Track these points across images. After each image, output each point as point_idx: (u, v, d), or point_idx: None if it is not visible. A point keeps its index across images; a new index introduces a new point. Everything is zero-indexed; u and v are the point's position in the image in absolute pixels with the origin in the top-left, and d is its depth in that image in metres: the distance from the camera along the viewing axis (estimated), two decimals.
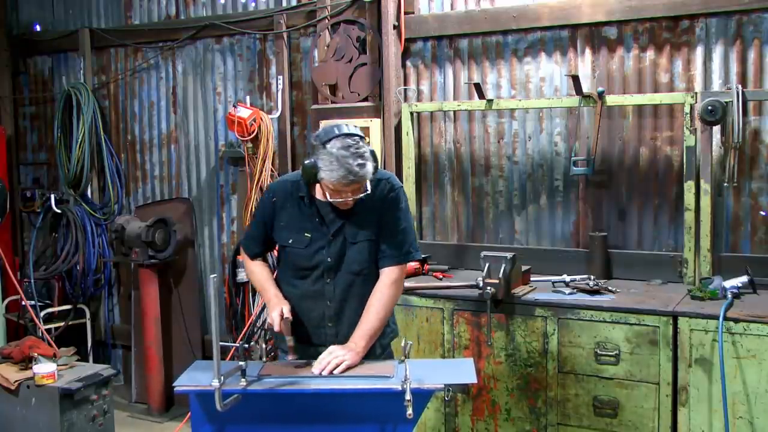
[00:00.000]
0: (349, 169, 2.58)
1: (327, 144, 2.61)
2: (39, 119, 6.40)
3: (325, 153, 2.61)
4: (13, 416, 4.09)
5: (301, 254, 2.86)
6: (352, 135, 2.63)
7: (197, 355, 5.35)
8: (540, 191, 4.40)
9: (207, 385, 2.47)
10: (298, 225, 2.85)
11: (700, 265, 3.81)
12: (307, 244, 2.83)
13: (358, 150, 2.60)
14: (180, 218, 5.51)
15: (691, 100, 3.77)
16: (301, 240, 2.84)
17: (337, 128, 2.65)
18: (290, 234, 2.86)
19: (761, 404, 3.22)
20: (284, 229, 2.88)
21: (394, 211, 2.85)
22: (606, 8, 4.09)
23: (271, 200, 2.91)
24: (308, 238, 2.83)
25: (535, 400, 3.69)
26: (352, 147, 2.60)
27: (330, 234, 2.82)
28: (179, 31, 5.54)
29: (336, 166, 2.58)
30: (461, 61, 4.58)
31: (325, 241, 2.83)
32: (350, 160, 2.58)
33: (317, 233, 2.83)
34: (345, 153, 2.58)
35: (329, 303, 2.87)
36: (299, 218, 2.85)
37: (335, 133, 2.62)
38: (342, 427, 2.58)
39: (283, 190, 2.88)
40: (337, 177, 2.60)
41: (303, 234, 2.83)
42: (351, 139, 2.61)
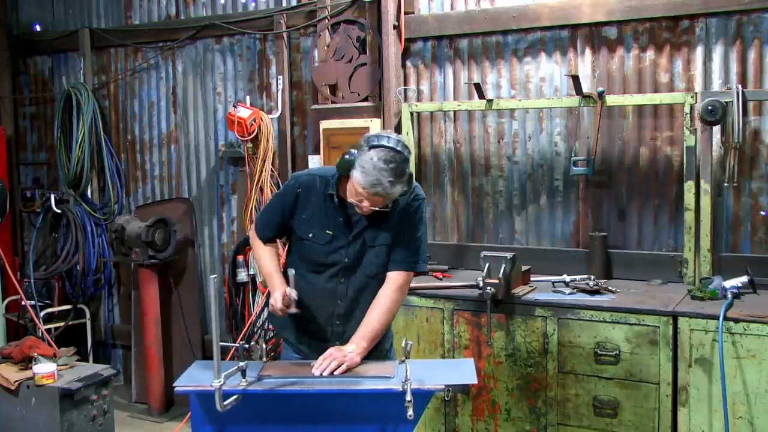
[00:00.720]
0: (380, 181, 2.60)
1: (373, 148, 2.64)
2: (39, 119, 6.40)
3: (367, 157, 2.63)
4: (13, 416, 4.09)
5: (319, 250, 2.86)
6: (399, 152, 2.65)
7: (197, 355, 5.35)
8: (540, 191, 4.40)
9: (207, 385, 2.47)
10: (321, 221, 2.86)
11: (700, 265, 3.81)
12: (327, 241, 2.85)
13: (397, 168, 2.62)
14: (180, 218, 5.51)
15: (691, 100, 3.77)
16: (322, 236, 2.85)
17: (387, 139, 2.67)
18: (312, 228, 2.87)
19: (761, 404, 3.22)
20: (306, 222, 2.88)
21: (413, 220, 2.88)
22: (606, 8, 4.09)
23: (295, 190, 2.90)
24: (329, 236, 2.85)
25: (535, 400, 3.69)
26: (393, 163, 2.61)
27: (351, 235, 2.84)
28: (179, 31, 5.53)
29: (371, 174, 2.60)
30: (461, 61, 4.58)
31: (345, 241, 2.84)
32: (385, 173, 2.60)
33: (339, 232, 2.85)
34: (383, 165, 2.60)
35: (340, 302, 2.89)
36: (323, 214, 2.86)
37: (385, 144, 2.65)
38: (342, 428, 2.58)
39: (310, 183, 2.89)
40: (367, 182, 2.62)
41: (325, 231, 2.85)
42: (396, 155, 2.63)
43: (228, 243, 5.51)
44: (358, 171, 2.64)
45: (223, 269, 5.49)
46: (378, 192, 2.63)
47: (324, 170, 2.95)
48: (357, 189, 2.66)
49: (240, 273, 5.06)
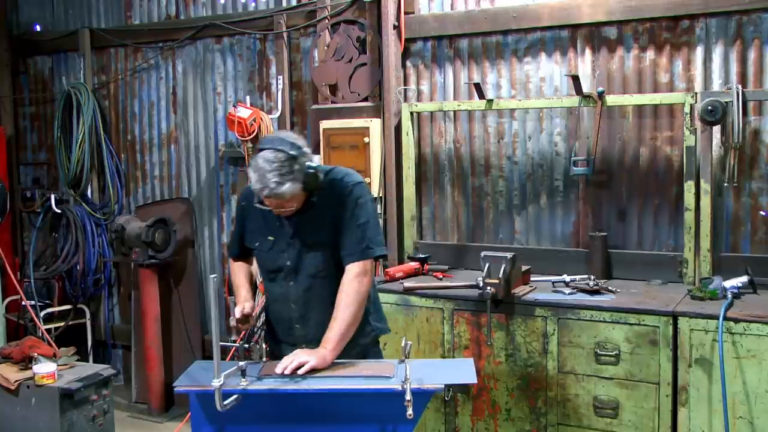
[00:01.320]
0: (266, 183, 2.59)
1: (259, 152, 2.64)
2: (39, 119, 6.41)
3: (253, 162, 2.63)
4: (13, 416, 4.09)
5: (265, 257, 2.92)
6: (280, 150, 2.61)
7: (197, 355, 5.35)
8: (540, 191, 4.40)
9: (207, 385, 2.47)
10: (262, 228, 2.90)
11: (700, 265, 3.81)
12: (270, 247, 2.88)
13: (281, 167, 2.59)
14: (180, 218, 5.51)
15: (691, 100, 3.77)
16: (265, 243, 2.89)
17: (269, 141, 2.66)
18: (256, 237, 2.93)
19: (761, 404, 3.22)
20: (251, 232, 2.96)
21: (351, 208, 2.80)
22: (606, 8, 4.09)
23: (240, 204, 3.03)
24: (271, 242, 2.88)
25: (535, 400, 3.69)
26: (275, 163, 2.59)
27: (288, 237, 2.84)
28: (179, 31, 5.54)
29: (256, 178, 2.61)
30: (461, 61, 4.58)
31: (285, 244, 2.85)
32: (269, 174, 2.58)
33: (278, 236, 2.86)
34: (266, 167, 2.59)
35: (293, 306, 2.90)
36: (263, 222, 2.89)
37: (266, 145, 2.64)
38: (342, 427, 2.58)
39: (250, 194, 2.88)
40: (256, 189, 2.64)
41: (267, 237, 2.88)
42: (278, 154, 2.60)
43: (228, 243, 5.51)
44: (250, 176, 2.64)
45: (223, 269, 5.49)
46: (267, 194, 2.61)
47: None
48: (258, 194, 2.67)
49: None
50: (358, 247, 2.79)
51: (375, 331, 3.02)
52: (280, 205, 2.70)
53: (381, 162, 4.63)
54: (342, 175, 2.86)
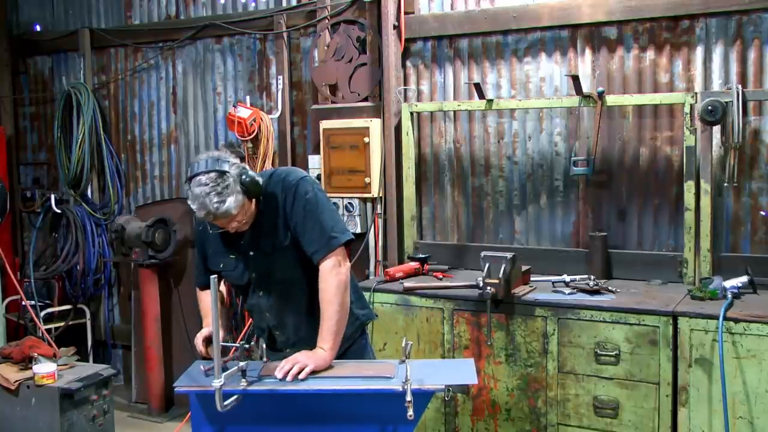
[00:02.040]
0: (207, 207, 2.56)
1: (188, 182, 2.61)
2: (39, 119, 6.40)
3: (189, 191, 2.60)
4: (13, 416, 4.09)
5: (232, 275, 2.90)
6: (208, 171, 2.57)
7: (197, 355, 5.33)
8: (540, 191, 4.40)
9: (207, 385, 2.47)
10: (222, 249, 2.88)
11: (700, 265, 3.81)
12: (234, 266, 2.87)
13: (216, 187, 2.56)
14: (180, 218, 5.51)
15: (691, 100, 3.77)
16: (228, 263, 2.88)
17: (196, 165, 2.61)
18: (219, 259, 2.90)
19: (761, 404, 3.22)
20: (213, 256, 2.92)
21: (302, 205, 2.74)
22: (606, 8, 4.09)
23: (198, 230, 2.97)
24: (233, 260, 2.86)
25: (535, 400, 3.69)
26: (207, 185, 2.56)
27: (247, 251, 2.83)
28: (179, 31, 5.53)
29: (197, 205, 2.58)
30: (461, 61, 4.58)
31: (246, 259, 2.84)
32: (207, 198, 2.55)
33: (238, 253, 2.85)
34: (199, 191, 2.56)
35: (268, 314, 2.90)
36: (221, 243, 2.87)
37: (194, 172, 2.60)
38: (342, 428, 2.58)
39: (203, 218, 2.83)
40: (201, 215, 2.60)
41: (229, 257, 2.87)
42: (207, 176, 2.57)
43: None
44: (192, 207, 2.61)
45: None
46: (215, 216, 2.59)
47: None
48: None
49: None
50: (322, 240, 2.73)
51: (360, 319, 2.98)
52: (232, 223, 2.67)
53: (381, 162, 4.63)
54: (284, 175, 2.81)
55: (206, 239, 2.92)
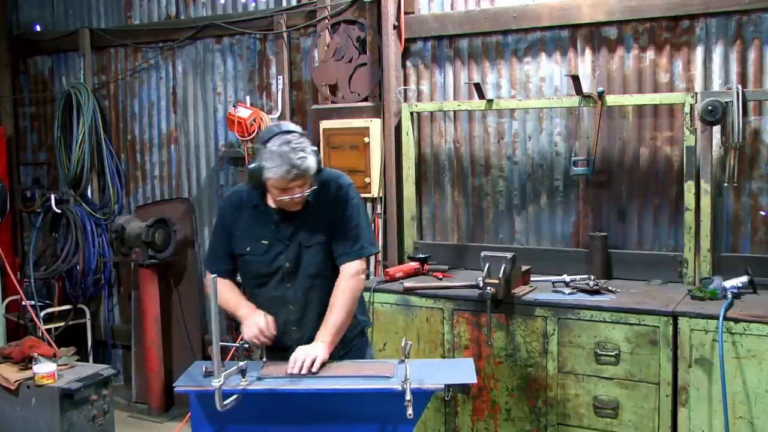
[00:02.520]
0: (292, 163, 2.61)
1: (268, 143, 2.65)
2: (39, 119, 6.41)
3: (267, 152, 2.64)
4: (13, 416, 4.09)
5: (259, 261, 2.87)
6: (291, 131, 2.68)
7: (197, 355, 5.35)
8: (540, 191, 4.40)
9: (207, 385, 2.47)
10: (254, 233, 2.86)
11: (700, 265, 3.81)
12: (264, 251, 2.85)
13: (299, 145, 2.64)
14: (180, 218, 5.51)
15: (691, 100, 3.77)
16: (258, 247, 2.85)
17: (276, 127, 2.71)
18: (247, 242, 2.87)
19: (761, 404, 3.22)
20: (241, 238, 2.89)
21: (344, 210, 2.85)
22: (606, 8, 4.09)
23: (228, 209, 2.93)
24: (265, 245, 2.84)
25: (535, 400, 3.69)
26: (293, 142, 2.63)
27: (286, 239, 2.83)
28: (179, 31, 5.54)
29: (279, 162, 2.61)
30: (461, 61, 4.58)
31: (282, 247, 2.84)
32: (291, 154, 2.61)
33: (274, 239, 2.84)
34: (286, 148, 2.61)
35: (291, 307, 2.88)
36: (255, 226, 2.86)
37: (275, 132, 2.67)
38: (342, 427, 2.58)
39: (239, 199, 2.89)
40: (282, 173, 2.61)
41: (260, 241, 2.85)
42: (291, 135, 2.66)
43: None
44: (269, 170, 2.63)
45: None
46: (296, 174, 2.62)
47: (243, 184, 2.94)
48: (278, 185, 2.66)
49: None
50: (355, 246, 2.84)
51: (361, 324, 3.06)
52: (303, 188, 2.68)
53: (381, 162, 4.63)
54: (335, 176, 2.89)
55: (236, 221, 2.88)
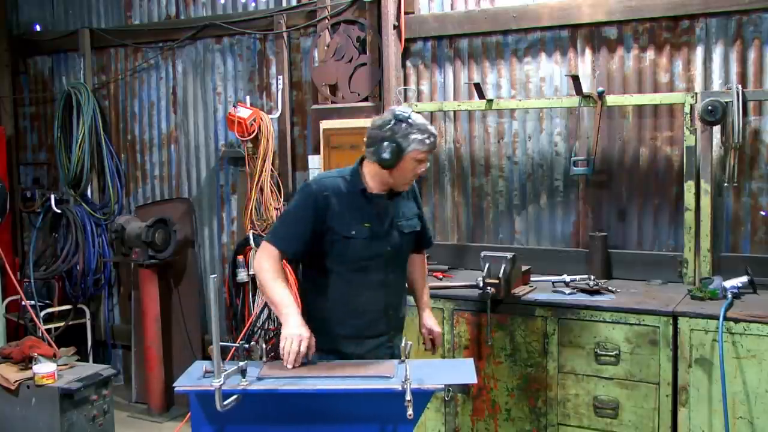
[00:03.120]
0: (432, 131, 2.82)
1: (409, 119, 2.79)
2: (39, 119, 6.41)
3: (411, 127, 2.78)
4: (13, 416, 4.09)
5: (363, 245, 2.85)
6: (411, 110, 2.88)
7: (197, 355, 5.35)
8: (540, 191, 4.40)
9: (207, 385, 2.47)
10: (357, 217, 2.86)
11: (700, 265, 3.81)
12: (367, 235, 2.86)
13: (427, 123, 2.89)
14: (180, 218, 5.51)
15: (691, 100, 3.77)
16: (362, 231, 2.85)
17: (399, 109, 2.85)
18: (351, 226, 2.84)
19: (761, 404, 3.22)
20: (342, 221, 2.84)
21: (420, 200, 3.16)
22: (606, 8, 4.09)
23: (323, 193, 2.85)
24: (368, 228, 2.87)
25: (535, 400, 3.69)
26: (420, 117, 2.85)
27: (387, 225, 2.92)
28: (179, 31, 5.54)
29: (427, 134, 2.79)
30: (461, 61, 4.58)
31: (382, 232, 2.90)
32: (428, 126, 2.83)
33: (375, 225, 2.89)
34: (422, 121, 2.82)
35: (393, 290, 2.98)
36: (357, 211, 2.87)
37: (408, 112, 2.82)
38: (342, 427, 2.58)
39: (335, 186, 2.89)
40: (431, 142, 2.81)
41: (363, 225, 2.86)
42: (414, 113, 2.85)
43: (228, 243, 5.52)
44: (416, 143, 2.78)
45: (223, 269, 5.49)
46: (435, 142, 2.85)
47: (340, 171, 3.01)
48: (419, 157, 2.81)
49: (240, 273, 5.06)
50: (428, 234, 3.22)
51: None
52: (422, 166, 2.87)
53: None
54: None
55: (337, 204, 2.85)
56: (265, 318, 5.00)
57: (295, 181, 5.18)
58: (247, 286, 5.10)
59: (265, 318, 5.00)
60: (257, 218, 4.98)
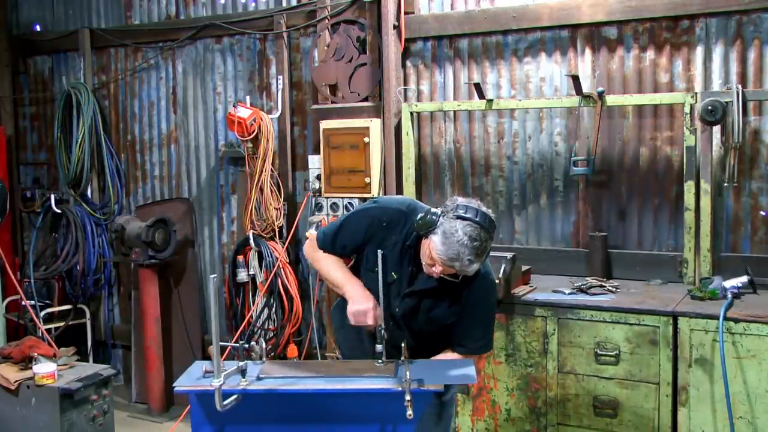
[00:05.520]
0: (460, 257, 2.47)
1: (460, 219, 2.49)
2: (39, 119, 6.41)
3: (453, 226, 2.48)
4: (13, 416, 4.09)
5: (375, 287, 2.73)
6: (486, 230, 2.51)
7: (197, 355, 5.35)
8: (540, 191, 4.40)
9: (207, 385, 2.47)
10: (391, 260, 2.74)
11: (700, 265, 3.81)
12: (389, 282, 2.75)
13: (480, 247, 2.49)
14: (180, 218, 5.51)
15: (691, 100, 3.77)
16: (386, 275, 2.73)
17: (476, 213, 2.51)
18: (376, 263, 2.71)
19: (761, 404, 3.22)
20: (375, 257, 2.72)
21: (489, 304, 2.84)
22: (606, 8, 4.09)
23: (381, 222, 2.76)
24: (393, 278, 2.75)
25: (535, 400, 3.69)
26: (477, 242, 2.48)
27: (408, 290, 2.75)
28: (179, 31, 5.53)
29: (453, 246, 2.47)
30: (461, 61, 4.58)
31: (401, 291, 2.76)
32: (467, 250, 2.47)
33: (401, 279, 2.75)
34: (467, 242, 2.46)
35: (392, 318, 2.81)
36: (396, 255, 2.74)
37: (473, 219, 2.49)
38: (342, 427, 2.58)
39: (397, 220, 2.75)
40: (446, 255, 2.48)
41: (390, 272, 2.75)
42: (482, 233, 2.50)
43: (228, 243, 5.52)
44: (438, 237, 2.49)
45: (223, 269, 5.48)
46: (454, 266, 2.51)
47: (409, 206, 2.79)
48: (432, 254, 2.52)
49: (240, 273, 5.06)
50: (482, 344, 2.85)
51: None
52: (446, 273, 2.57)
53: (381, 162, 4.62)
54: (488, 270, 2.82)
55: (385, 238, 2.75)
56: (265, 318, 5.00)
57: (295, 181, 5.18)
58: (247, 286, 5.10)
59: (265, 318, 5.00)
60: (257, 218, 4.98)
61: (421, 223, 2.58)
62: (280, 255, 4.93)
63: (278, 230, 5.00)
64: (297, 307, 4.96)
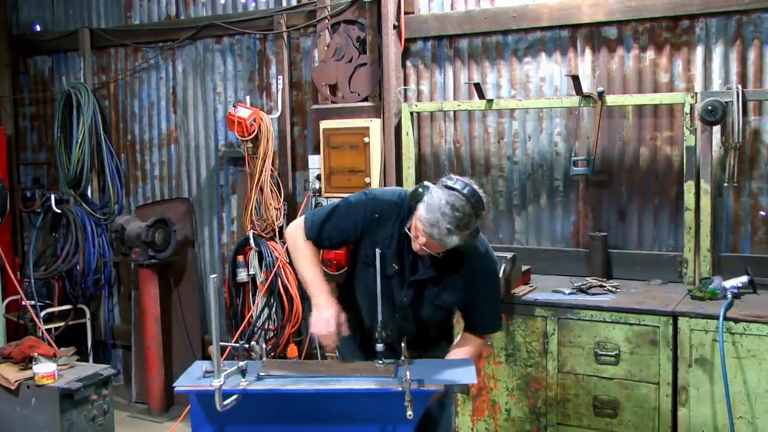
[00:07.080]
0: (438, 224, 2.44)
1: (445, 189, 2.48)
2: (39, 119, 6.41)
3: (437, 194, 2.48)
4: (13, 416, 4.09)
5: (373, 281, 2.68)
6: (469, 202, 2.46)
7: (197, 355, 5.35)
8: (540, 191, 4.40)
9: (207, 385, 2.47)
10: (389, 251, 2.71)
11: (700, 265, 3.81)
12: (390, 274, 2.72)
13: (461, 219, 2.44)
14: (180, 218, 5.51)
15: (691, 100, 3.77)
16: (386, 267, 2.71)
17: (464, 186, 2.49)
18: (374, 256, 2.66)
19: (761, 404, 3.22)
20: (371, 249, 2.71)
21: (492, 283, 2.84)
22: (606, 8, 4.09)
23: (373, 214, 2.73)
24: (394, 269, 2.72)
25: (535, 400, 3.69)
26: (458, 212, 2.43)
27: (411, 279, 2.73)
28: (179, 31, 5.53)
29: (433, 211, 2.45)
30: (461, 61, 4.58)
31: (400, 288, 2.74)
32: (446, 218, 2.43)
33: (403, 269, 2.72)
34: (448, 210, 2.43)
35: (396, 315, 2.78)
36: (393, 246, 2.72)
37: (458, 189, 2.47)
38: (342, 427, 2.57)
39: (389, 211, 2.73)
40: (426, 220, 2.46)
41: (391, 264, 2.72)
42: (465, 205, 2.45)
43: (228, 243, 5.52)
44: (423, 205, 2.48)
45: (223, 269, 5.49)
46: (432, 234, 2.46)
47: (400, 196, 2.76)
48: (416, 223, 2.51)
49: (240, 273, 5.06)
50: (494, 320, 2.88)
51: None
52: (428, 246, 2.53)
53: (381, 162, 4.63)
54: (486, 247, 2.80)
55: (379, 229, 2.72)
56: (265, 318, 5.00)
57: (295, 181, 5.18)
58: (247, 286, 5.09)
59: (265, 318, 5.00)
60: (257, 218, 4.98)
61: (412, 195, 2.59)
62: (280, 255, 4.92)
63: (278, 230, 5.00)
64: (297, 307, 4.96)
